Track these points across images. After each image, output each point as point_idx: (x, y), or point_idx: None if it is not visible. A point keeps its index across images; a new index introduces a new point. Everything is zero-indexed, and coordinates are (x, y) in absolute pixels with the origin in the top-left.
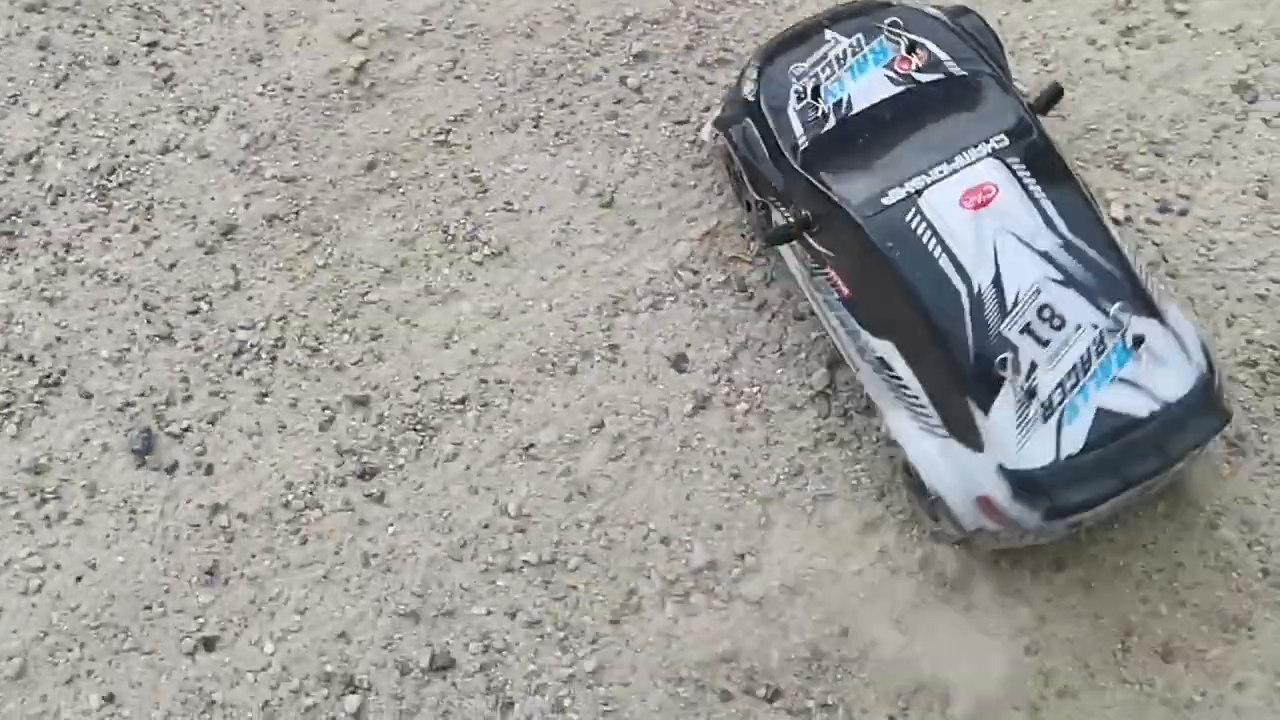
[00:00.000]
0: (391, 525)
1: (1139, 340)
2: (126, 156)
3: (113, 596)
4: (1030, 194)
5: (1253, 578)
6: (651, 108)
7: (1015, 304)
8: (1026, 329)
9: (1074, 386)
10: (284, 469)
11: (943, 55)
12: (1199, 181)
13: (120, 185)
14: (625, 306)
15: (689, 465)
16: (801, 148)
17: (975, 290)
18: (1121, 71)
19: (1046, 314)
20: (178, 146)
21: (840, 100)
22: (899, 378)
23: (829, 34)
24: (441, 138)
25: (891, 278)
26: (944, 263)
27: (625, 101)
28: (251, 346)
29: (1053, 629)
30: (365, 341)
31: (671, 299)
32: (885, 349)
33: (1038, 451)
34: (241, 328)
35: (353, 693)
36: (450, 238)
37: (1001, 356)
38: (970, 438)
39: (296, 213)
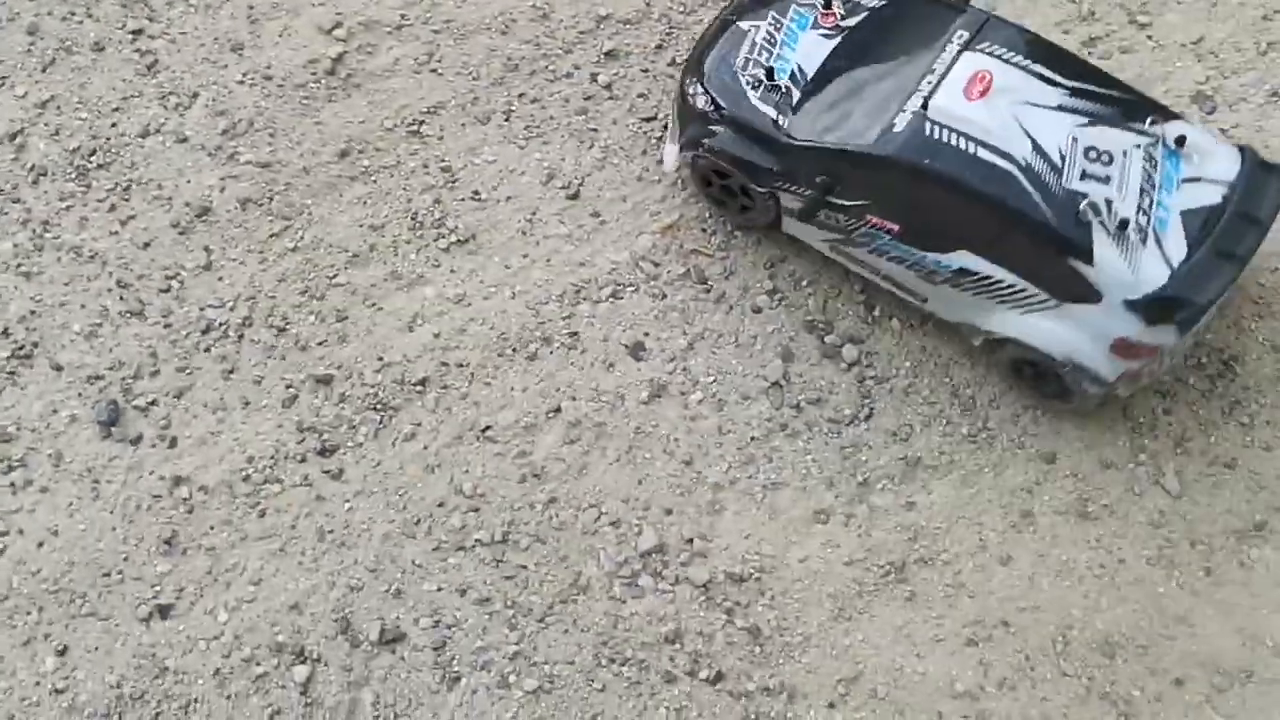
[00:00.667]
0: (348, 502)
1: (1180, 140)
2: (107, 139)
3: (72, 563)
4: (1018, 65)
5: (1194, 576)
6: (620, 104)
7: (1063, 159)
8: (1084, 175)
9: (1151, 203)
10: (246, 444)
11: None
12: None
13: (100, 166)
14: (586, 295)
15: (642, 451)
16: (786, 125)
17: (1023, 163)
18: None
19: (1093, 155)
20: (157, 131)
21: (792, 71)
22: (987, 278)
23: (743, 24)
24: (414, 128)
25: (942, 190)
26: (983, 153)
27: (595, 98)
28: (220, 325)
29: (993, 621)
30: (331, 323)
31: (632, 289)
32: (961, 259)
33: (1153, 272)
34: (211, 306)
35: (302, 663)
36: (419, 225)
37: (1084, 204)
38: (1084, 293)
39: (270, 197)
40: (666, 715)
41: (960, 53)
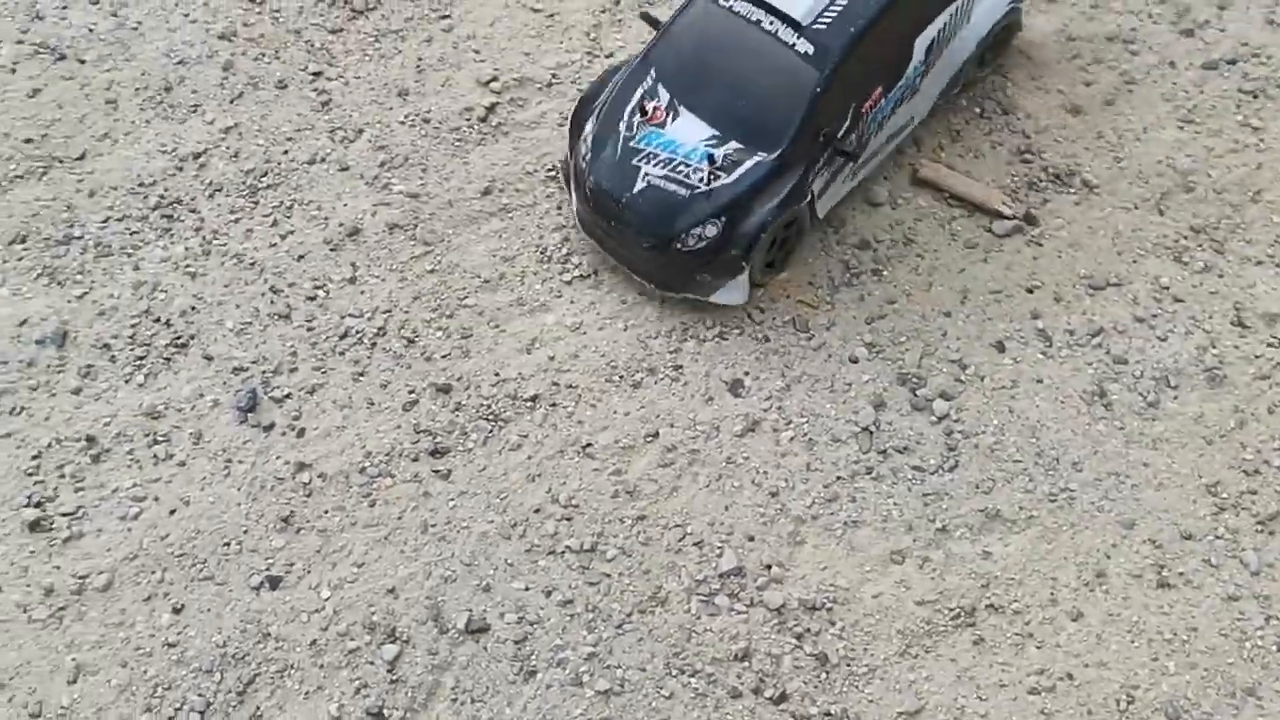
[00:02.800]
0: (452, 500)
1: None
2: (279, 164)
3: (198, 531)
4: None
5: (1267, 651)
6: None
7: None
8: None
9: None
10: (365, 439)
11: None
12: None
13: (269, 186)
14: (694, 334)
15: (731, 480)
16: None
17: None
18: None
19: None
20: (323, 159)
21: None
22: (944, 26)
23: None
24: (553, 174)
25: (873, 28)
26: None
27: None
28: (356, 332)
29: (1059, 673)
30: (456, 339)
31: (737, 331)
32: (921, 43)
33: None
34: (350, 315)
35: (392, 643)
36: (547, 259)
37: None
38: None
39: (415, 224)
40: None
41: None
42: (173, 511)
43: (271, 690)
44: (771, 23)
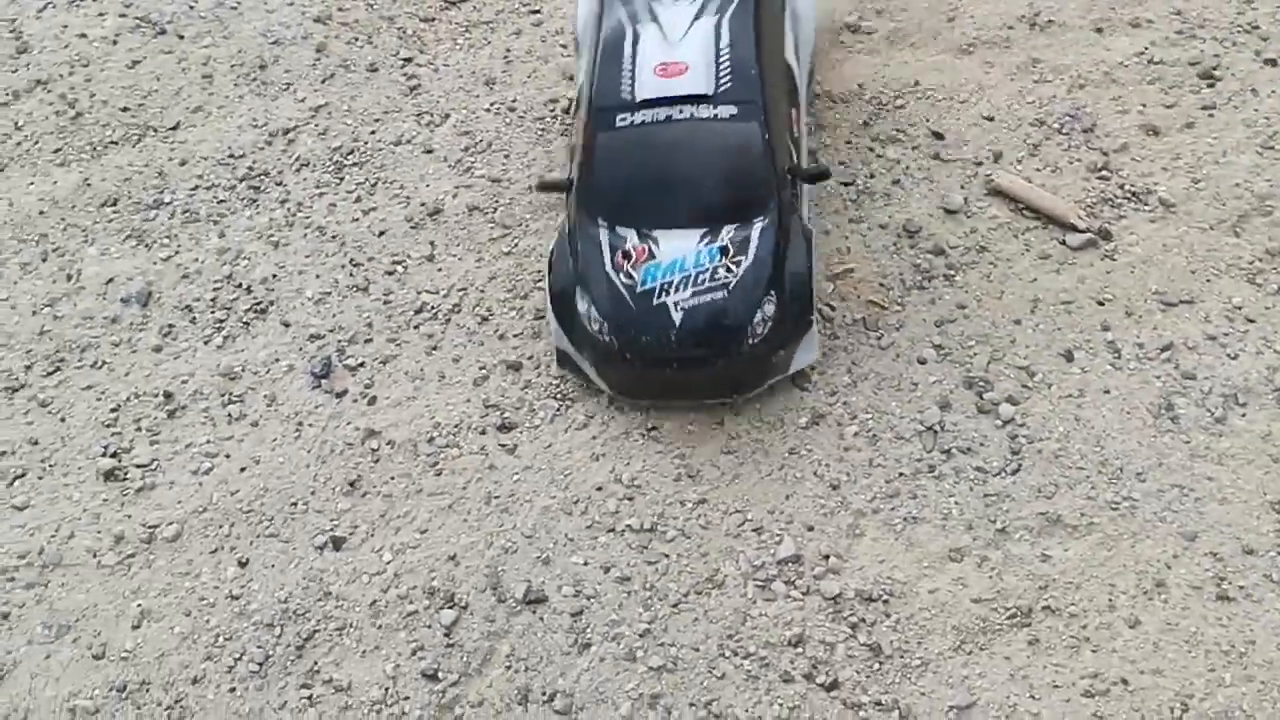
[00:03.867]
0: (517, 474)
1: None
2: (365, 143)
3: (266, 489)
4: None
5: None
6: None
7: None
8: None
9: None
10: (435, 411)
11: None
12: None
13: (354, 164)
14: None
15: (794, 470)
16: None
17: None
18: None
19: None
20: (409, 141)
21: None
22: None
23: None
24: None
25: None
26: None
27: None
28: (431, 308)
29: (1114, 678)
30: (529, 320)
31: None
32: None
33: None
34: (427, 291)
35: (450, 608)
36: None
37: None
38: None
39: (495, 208)
40: (779, 711)
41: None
42: (243, 469)
43: (330, 647)
44: (683, 110)
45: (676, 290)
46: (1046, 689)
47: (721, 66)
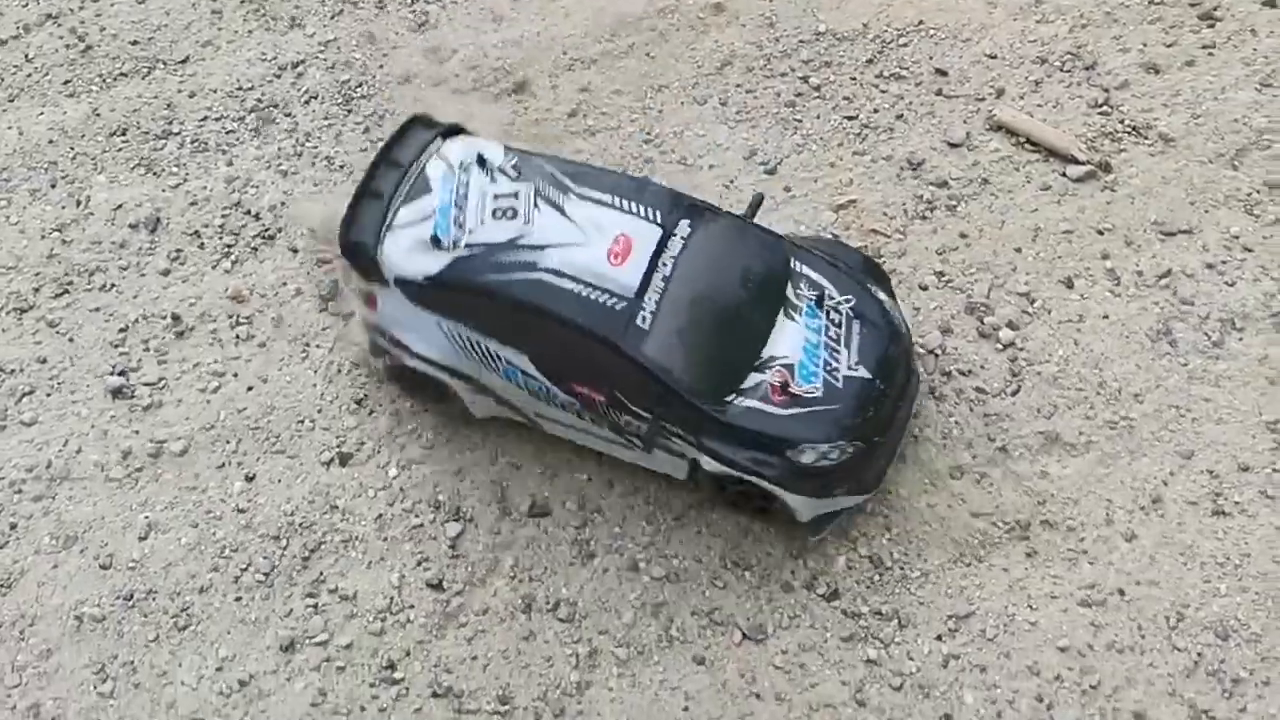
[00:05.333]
0: None
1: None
2: (374, 77)
3: (273, 408)
4: None
5: None
6: (826, 104)
7: None
8: None
9: None
10: None
11: None
12: None
13: (363, 97)
14: None
15: None
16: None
17: None
18: None
19: None
20: (417, 76)
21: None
22: None
23: None
24: (639, 102)
25: None
26: None
27: (804, 95)
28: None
29: (1110, 588)
30: None
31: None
32: None
33: None
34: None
35: (456, 521)
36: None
37: None
38: None
39: (504, 138)
40: (779, 619)
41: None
42: (250, 388)
43: (335, 559)
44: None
45: (835, 356)
46: (1044, 599)
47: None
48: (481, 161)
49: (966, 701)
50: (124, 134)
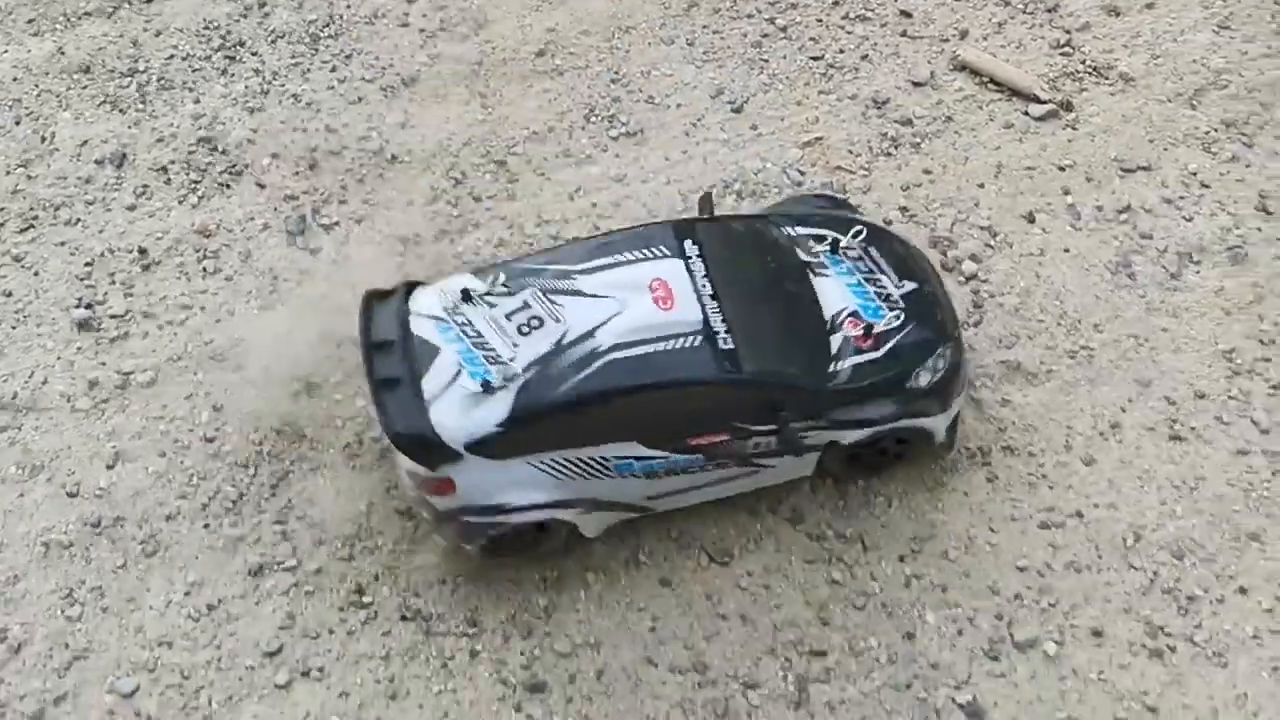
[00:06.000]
0: None
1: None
2: (341, 17)
3: (241, 339)
4: None
5: (1272, 500)
6: (792, 44)
7: None
8: None
9: None
10: (407, 265)
11: None
12: None
13: (330, 36)
14: (734, 190)
15: None
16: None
17: None
18: None
19: None
20: (384, 16)
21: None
22: None
23: None
24: (607, 42)
25: None
26: None
27: (770, 36)
28: (405, 164)
29: (1069, 511)
30: (504, 183)
31: (776, 190)
32: None
33: None
34: (403, 153)
35: None
36: (595, 117)
37: None
38: None
39: (471, 78)
40: (745, 543)
41: None
42: (218, 320)
43: (304, 487)
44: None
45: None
46: (1004, 522)
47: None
48: (468, 296)
49: (928, 620)
50: (89, 72)
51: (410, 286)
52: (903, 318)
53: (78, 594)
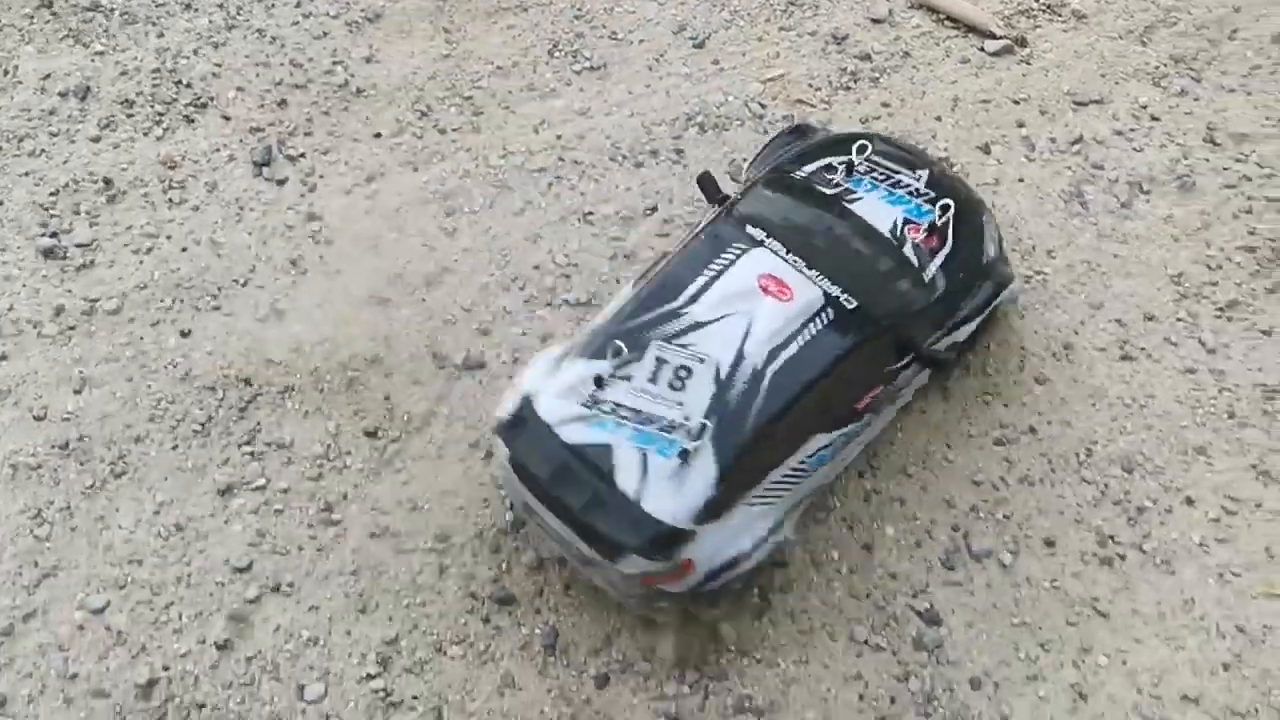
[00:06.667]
0: (456, 256)
1: None
2: None
3: (208, 267)
4: None
5: (1217, 417)
6: None
7: None
8: None
9: None
10: (377, 195)
11: None
12: None
13: None
14: (696, 123)
15: None
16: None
17: None
18: None
19: None
20: None
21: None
22: None
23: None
24: None
25: None
26: None
27: None
28: (369, 97)
29: (1023, 428)
30: (468, 116)
31: (739, 123)
32: None
33: None
34: (368, 87)
35: (389, 376)
36: (558, 51)
37: None
38: None
39: (436, 14)
40: None
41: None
42: (184, 249)
43: (272, 409)
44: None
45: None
46: (961, 438)
47: None
48: (600, 382)
49: (887, 533)
50: (50, 5)
51: (518, 415)
52: (944, 204)
53: (46, 514)
